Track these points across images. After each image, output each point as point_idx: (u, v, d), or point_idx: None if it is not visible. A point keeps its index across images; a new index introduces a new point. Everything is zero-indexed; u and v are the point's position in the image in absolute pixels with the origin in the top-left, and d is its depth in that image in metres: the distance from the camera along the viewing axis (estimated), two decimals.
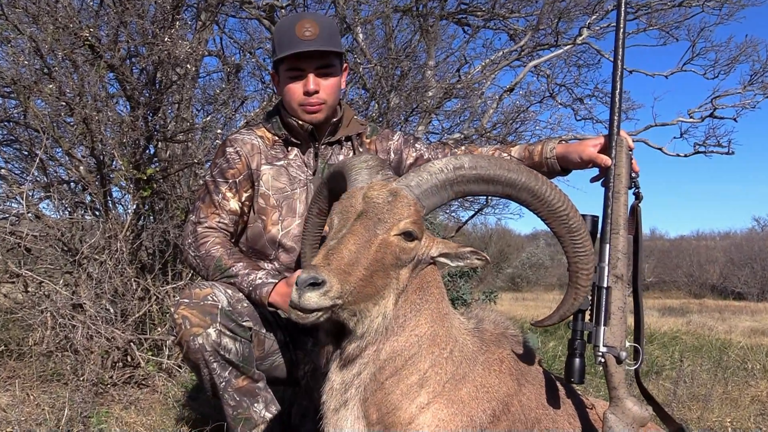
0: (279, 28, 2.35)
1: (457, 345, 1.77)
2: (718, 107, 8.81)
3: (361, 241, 1.60)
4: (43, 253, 4.07)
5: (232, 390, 2.24)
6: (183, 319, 2.18)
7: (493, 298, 7.30)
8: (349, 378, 1.70)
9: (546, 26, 7.99)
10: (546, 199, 1.66)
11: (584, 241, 1.68)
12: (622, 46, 1.99)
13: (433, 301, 1.76)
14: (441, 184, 1.68)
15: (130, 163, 4.07)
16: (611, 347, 1.82)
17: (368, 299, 1.61)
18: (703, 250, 28.75)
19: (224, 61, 6.12)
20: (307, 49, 2.23)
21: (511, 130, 7.94)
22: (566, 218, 1.66)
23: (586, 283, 1.70)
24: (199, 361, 2.20)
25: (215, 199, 2.38)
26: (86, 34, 3.92)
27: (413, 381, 1.69)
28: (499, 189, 1.68)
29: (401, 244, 1.65)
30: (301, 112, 2.36)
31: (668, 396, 3.61)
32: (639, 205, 1.98)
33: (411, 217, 1.65)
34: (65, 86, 3.98)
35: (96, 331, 3.58)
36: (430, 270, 1.78)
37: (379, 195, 1.67)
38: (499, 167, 1.66)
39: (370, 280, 1.59)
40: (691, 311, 14.31)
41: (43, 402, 3.08)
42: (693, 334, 7.33)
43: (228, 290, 2.26)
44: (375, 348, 1.68)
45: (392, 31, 6.95)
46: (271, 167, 2.41)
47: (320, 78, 2.32)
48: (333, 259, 1.55)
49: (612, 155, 1.96)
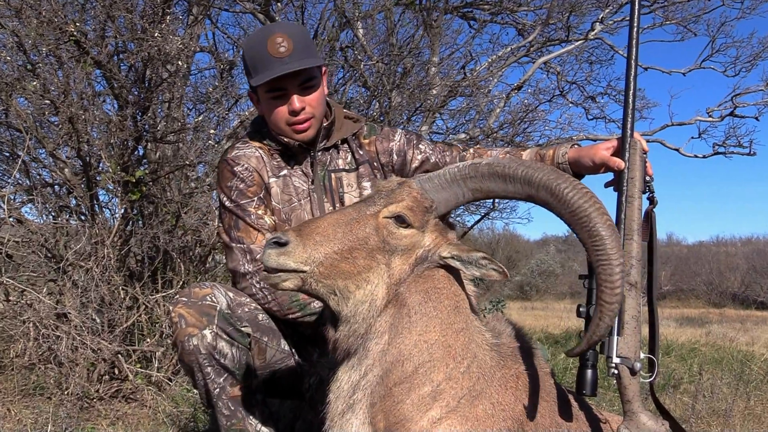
0: (249, 48, 2.28)
1: (475, 360, 1.77)
2: (739, 105, 8.80)
3: (343, 218, 1.69)
4: (26, 260, 4.08)
5: (226, 398, 2.24)
6: (179, 317, 2.19)
7: (501, 307, 7.32)
8: (356, 379, 1.72)
9: (556, 20, 8.00)
10: (566, 198, 1.58)
11: (609, 249, 1.54)
12: (636, 45, 2.01)
13: (443, 310, 1.76)
14: (452, 178, 1.71)
15: (117, 165, 4.08)
16: (625, 358, 1.82)
17: (347, 277, 1.66)
18: (724, 257, 28.73)
19: (217, 57, 6.15)
20: (287, 71, 2.19)
21: (519, 130, 7.95)
22: (587, 221, 1.55)
23: (612, 300, 1.55)
24: (192, 363, 2.20)
25: (250, 222, 2.31)
26: (72, 28, 3.94)
27: (425, 392, 1.69)
28: (518, 188, 1.66)
29: (390, 227, 1.69)
30: (291, 132, 2.34)
31: (686, 411, 3.61)
32: (653, 210, 1.99)
33: (405, 201, 1.70)
34: (49, 83, 4.00)
35: (81, 342, 3.58)
36: (442, 277, 1.78)
37: (389, 183, 1.77)
38: (516, 164, 1.66)
39: (347, 256, 1.65)
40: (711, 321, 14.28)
41: (25, 417, 3.09)
42: (713, 346, 7.32)
43: (229, 293, 2.26)
44: (381, 348, 1.69)
45: (394, 25, 6.97)
46: (276, 179, 2.41)
47: (303, 93, 2.29)
48: (305, 227, 1.66)
49: (625, 158, 1.98)
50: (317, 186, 2.44)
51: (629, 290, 1.85)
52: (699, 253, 30.50)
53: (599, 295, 1.57)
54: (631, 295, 1.84)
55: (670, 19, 8.75)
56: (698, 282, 26.35)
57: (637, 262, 1.87)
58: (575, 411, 1.95)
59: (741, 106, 8.81)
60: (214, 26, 6.65)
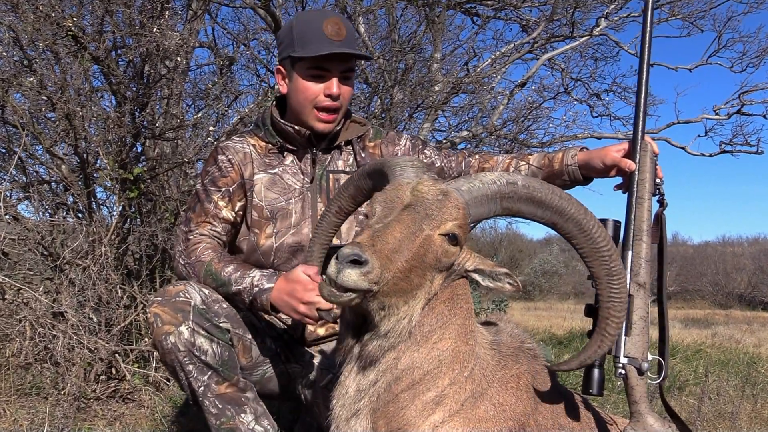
0: (303, 22, 2.34)
1: (478, 362, 1.79)
2: (746, 103, 8.78)
3: (407, 232, 1.60)
4: (22, 258, 4.08)
5: (212, 396, 2.24)
6: (155, 317, 2.20)
7: (504, 307, 7.30)
8: (364, 386, 1.71)
9: (561, 16, 7.98)
10: (592, 235, 1.68)
11: (621, 288, 1.69)
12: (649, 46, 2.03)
13: (461, 316, 1.77)
14: (492, 196, 1.70)
15: (115, 162, 4.08)
16: (632, 358, 1.83)
17: (401, 295, 1.62)
18: (730, 257, 28.72)
19: (217, 53, 6.15)
20: (340, 50, 2.25)
21: (522, 127, 7.94)
22: (608, 260, 1.68)
23: (615, 333, 1.71)
24: (173, 362, 2.21)
25: (207, 207, 2.39)
26: (69, 23, 3.94)
27: (429, 398, 1.70)
28: (547, 215, 1.70)
29: (444, 245, 1.66)
30: (313, 117, 2.36)
31: (692, 413, 3.61)
32: (663, 212, 2.02)
33: (458, 220, 1.67)
34: (46, 79, 4.01)
35: (78, 341, 3.59)
36: (461, 283, 1.79)
37: (429, 191, 1.69)
38: (552, 192, 1.69)
39: (407, 275, 1.60)
40: (717, 323, 14.27)
41: (21, 417, 3.09)
42: (719, 347, 7.32)
43: (204, 289, 2.26)
44: (395, 355, 1.69)
45: (396, 21, 6.96)
46: (264, 176, 2.43)
47: (342, 83, 2.34)
48: (378, 242, 1.55)
49: (636, 159, 2.01)
50: (314, 184, 2.45)
51: (638, 290, 1.86)
52: (705, 253, 30.49)
53: (604, 327, 1.70)
54: (640, 296, 1.86)
55: (676, 14, 8.72)
56: (704, 283, 26.34)
57: (646, 262, 1.89)
58: (579, 412, 1.96)
59: (748, 104, 8.77)
60: (214, 21, 6.65)
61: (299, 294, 2.03)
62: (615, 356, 1.84)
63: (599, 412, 2.06)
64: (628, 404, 1.88)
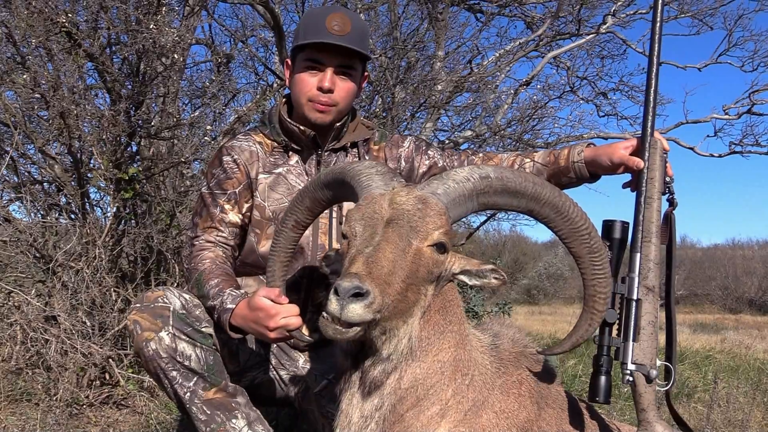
0: (308, 15, 2.42)
1: (478, 368, 1.79)
2: (757, 102, 8.75)
3: (397, 250, 1.58)
4: (13, 260, 4.08)
5: (200, 402, 2.23)
6: (134, 324, 2.20)
7: (507, 311, 7.28)
8: (369, 411, 1.69)
9: (566, 13, 7.97)
10: (569, 216, 1.71)
11: (604, 263, 1.72)
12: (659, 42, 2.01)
13: (455, 322, 1.77)
14: (468, 194, 1.70)
15: (110, 162, 4.08)
16: (640, 365, 1.82)
17: (400, 315, 1.61)
18: (740, 261, 28.65)
19: (214, 50, 6.15)
20: (333, 41, 2.26)
21: (527, 127, 7.92)
22: (588, 238, 1.71)
23: (603, 308, 1.75)
24: (156, 369, 2.20)
25: (213, 212, 2.39)
26: (63, 19, 3.94)
27: (434, 412, 1.70)
28: (523, 203, 1.72)
29: (434, 256, 1.66)
30: (308, 108, 2.36)
31: (701, 421, 3.60)
32: (673, 212, 2.00)
33: (443, 227, 1.66)
34: (39, 76, 4.00)
35: (71, 345, 3.58)
36: (449, 287, 1.79)
37: (408, 201, 1.66)
38: (524, 180, 1.71)
39: (405, 295, 1.59)
40: (726, 328, 14.26)
41: (11, 424, 3.08)
42: (728, 353, 7.31)
43: (184, 294, 2.27)
44: (397, 375, 1.68)
45: (398, 18, 6.95)
46: (268, 176, 2.43)
47: (338, 77, 2.34)
48: (374, 268, 1.53)
49: (645, 157, 1.99)
50: None
51: (646, 294, 1.85)
52: (714, 257, 30.42)
53: (592, 304, 1.75)
54: (648, 300, 1.85)
55: (685, 12, 8.71)
56: (713, 287, 26.28)
57: (655, 265, 1.88)
58: (584, 419, 1.95)
59: (759, 104, 8.75)
60: (211, 18, 6.63)
61: (264, 322, 2.00)
62: (623, 363, 1.83)
63: (605, 419, 2.04)
64: (636, 412, 1.87)
